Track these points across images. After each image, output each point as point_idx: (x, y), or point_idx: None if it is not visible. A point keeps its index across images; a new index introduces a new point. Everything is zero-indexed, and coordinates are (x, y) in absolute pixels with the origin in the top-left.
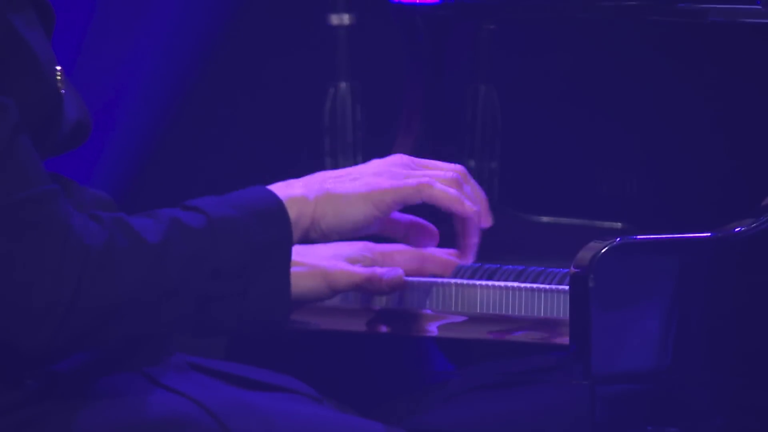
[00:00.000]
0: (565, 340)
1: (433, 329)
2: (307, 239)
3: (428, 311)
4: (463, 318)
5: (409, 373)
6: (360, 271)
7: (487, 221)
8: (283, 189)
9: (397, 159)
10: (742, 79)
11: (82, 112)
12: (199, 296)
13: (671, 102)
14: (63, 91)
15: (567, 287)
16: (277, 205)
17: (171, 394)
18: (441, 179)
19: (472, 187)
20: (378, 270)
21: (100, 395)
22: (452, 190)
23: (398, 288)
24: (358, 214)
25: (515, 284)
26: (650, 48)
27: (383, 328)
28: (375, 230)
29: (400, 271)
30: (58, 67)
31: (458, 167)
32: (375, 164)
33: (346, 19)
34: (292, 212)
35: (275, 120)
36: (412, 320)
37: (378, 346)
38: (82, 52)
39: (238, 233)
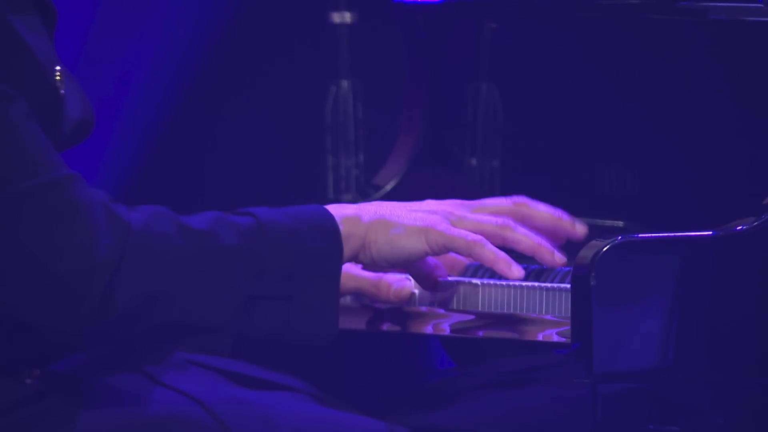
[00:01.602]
0: (566, 338)
1: (434, 327)
2: (356, 261)
3: (428, 309)
4: (464, 316)
5: (411, 371)
6: (367, 275)
7: (549, 261)
8: (336, 208)
9: (454, 202)
10: (744, 77)
11: (85, 110)
12: (243, 293)
13: (673, 100)
14: (63, 92)
15: (569, 285)
16: (328, 218)
17: (171, 393)
18: (492, 229)
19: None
20: (387, 278)
21: (100, 394)
22: (501, 254)
23: (404, 299)
24: (411, 247)
25: (517, 282)
26: (651, 46)
27: (386, 326)
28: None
29: (408, 283)
30: (58, 68)
31: (515, 201)
32: (430, 203)
33: (347, 17)
34: (344, 229)
35: (277, 118)
36: (413, 318)
37: (380, 344)
38: (85, 50)
39: (287, 236)
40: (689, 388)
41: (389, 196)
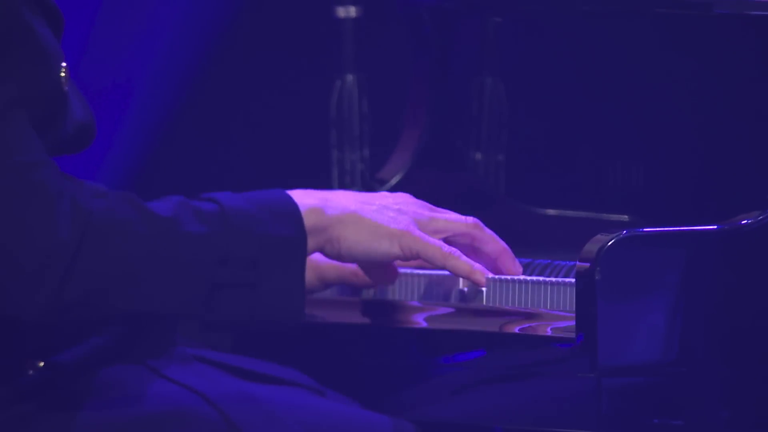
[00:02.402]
0: (571, 332)
1: (439, 321)
2: (321, 252)
3: (433, 304)
4: (470, 310)
5: (415, 366)
6: (349, 265)
7: (511, 267)
8: (301, 197)
9: (410, 199)
10: (749, 72)
11: (86, 115)
12: (207, 281)
13: (677, 94)
14: (67, 89)
15: (573, 280)
16: (291, 207)
17: (174, 386)
18: (462, 227)
19: (488, 238)
20: None
21: (103, 387)
22: (476, 265)
23: (389, 284)
24: (383, 249)
25: (522, 277)
26: (656, 40)
27: (390, 321)
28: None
29: (392, 264)
30: (64, 64)
31: (467, 220)
32: (394, 200)
33: (352, 11)
34: (308, 221)
35: (282, 112)
36: (419, 313)
37: (385, 339)
38: (87, 50)
39: (250, 224)
40: (694, 382)
41: (394, 190)
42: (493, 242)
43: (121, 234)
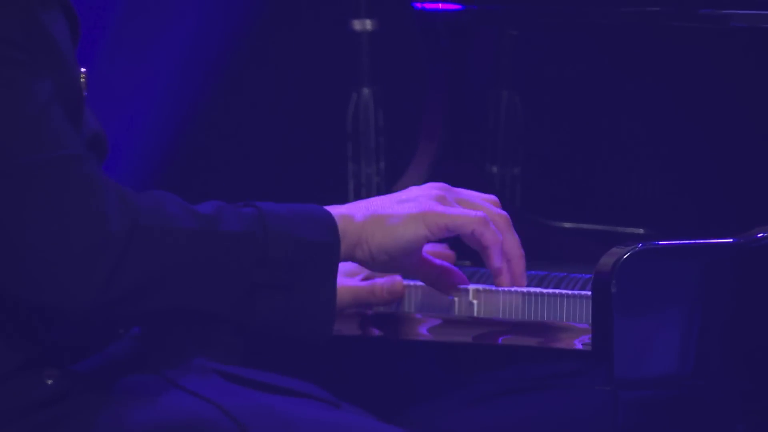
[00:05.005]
0: (587, 345)
1: (454, 334)
2: (353, 260)
3: (450, 316)
4: (485, 323)
5: (429, 378)
6: (362, 285)
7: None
8: (331, 207)
9: (435, 185)
10: (765, 85)
11: (98, 127)
12: (245, 280)
13: (694, 107)
14: (86, 94)
15: (589, 293)
16: (326, 214)
17: (191, 397)
18: (490, 215)
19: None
20: (378, 281)
21: (120, 397)
22: (499, 236)
23: (399, 296)
24: (409, 233)
25: (537, 290)
26: (672, 54)
27: (405, 334)
28: (407, 271)
29: (398, 278)
30: (83, 70)
31: (492, 197)
32: (416, 190)
33: (368, 24)
34: (340, 226)
35: (298, 125)
36: (432, 325)
37: (399, 351)
38: (100, 54)
39: (288, 227)
40: (710, 395)
41: None
42: (505, 239)
43: (168, 229)
